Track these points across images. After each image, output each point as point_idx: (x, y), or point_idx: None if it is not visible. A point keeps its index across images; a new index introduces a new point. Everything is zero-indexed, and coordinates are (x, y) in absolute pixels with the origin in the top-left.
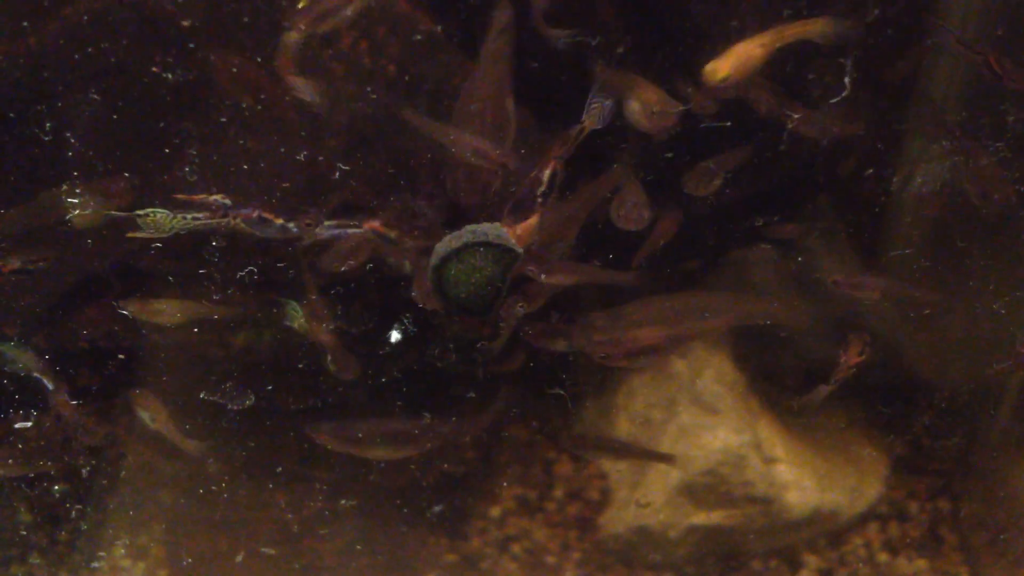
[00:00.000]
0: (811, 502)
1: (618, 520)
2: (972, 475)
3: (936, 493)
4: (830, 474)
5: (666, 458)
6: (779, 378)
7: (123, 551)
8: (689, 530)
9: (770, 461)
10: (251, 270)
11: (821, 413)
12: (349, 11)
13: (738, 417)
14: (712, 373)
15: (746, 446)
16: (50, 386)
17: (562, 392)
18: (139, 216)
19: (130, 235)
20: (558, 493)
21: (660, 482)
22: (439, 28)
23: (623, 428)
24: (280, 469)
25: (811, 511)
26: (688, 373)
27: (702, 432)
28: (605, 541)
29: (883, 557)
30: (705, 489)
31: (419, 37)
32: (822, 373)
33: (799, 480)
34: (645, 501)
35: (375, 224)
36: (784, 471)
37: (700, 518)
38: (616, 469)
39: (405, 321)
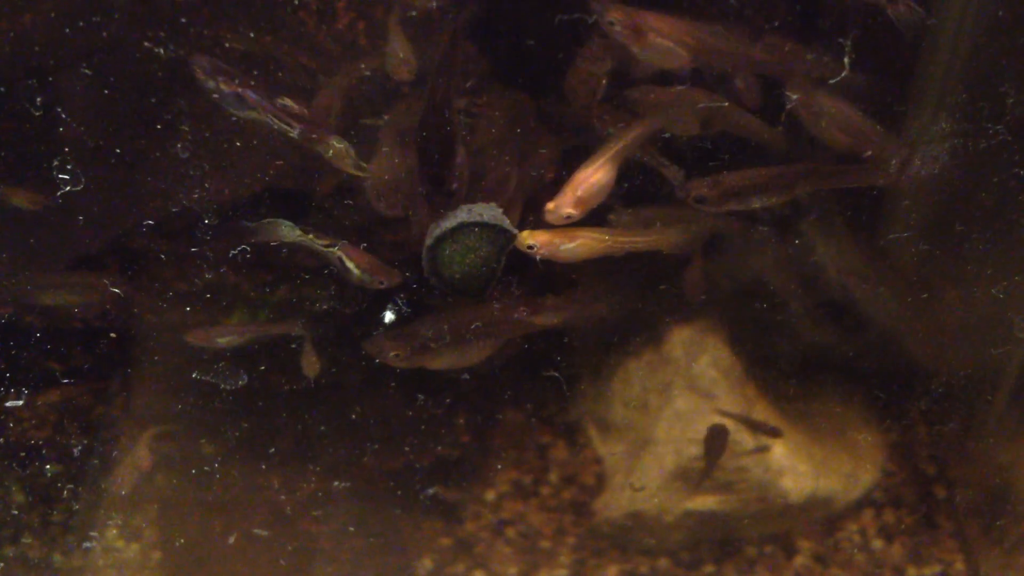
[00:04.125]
0: (806, 488)
1: (613, 505)
2: (968, 462)
3: (932, 480)
4: (826, 460)
5: None
6: (775, 364)
7: (116, 532)
8: (684, 515)
9: (765, 447)
10: (244, 249)
11: (818, 399)
12: None
13: (734, 402)
14: (708, 358)
15: (741, 431)
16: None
17: (557, 375)
18: None
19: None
20: (553, 477)
21: (655, 467)
22: (434, 4)
23: (619, 413)
24: (273, 450)
25: (806, 497)
26: (684, 358)
27: (698, 417)
28: (600, 526)
29: (878, 543)
30: (700, 474)
31: (414, 14)
32: None
33: (795, 466)
34: (640, 485)
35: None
36: (779, 457)
37: (695, 503)
38: (611, 454)
39: (399, 301)
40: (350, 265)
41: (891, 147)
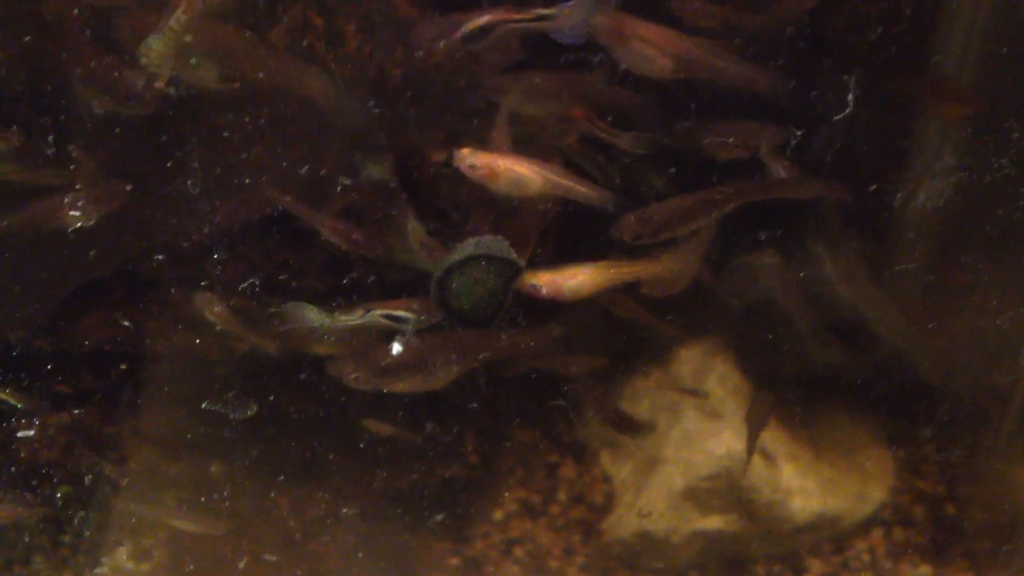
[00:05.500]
0: (815, 507)
1: (622, 525)
2: (977, 481)
3: (941, 499)
4: (835, 479)
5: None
6: (782, 384)
7: (126, 553)
8: (693, 535)
9: (774, 466)
10: (252, 282)
11: (826, 418)
12: None
13: (742, 422)
14: (716, 378)
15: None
16: None
17: (563, 403)
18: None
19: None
20: (562, 497)
21: (664, 487)
22: None
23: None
24: (282, 478)
25: (815, 516)
26: (692, 378)
27: (706, 437)
28: (609, 546)
29: (887, 563)
30: (709, 494)
31: None
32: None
33: (803, 485)
34: (647, 511)
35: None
36: (788, 476)
37: (704, 523)
38: (620, 474)
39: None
40: (403, 314)
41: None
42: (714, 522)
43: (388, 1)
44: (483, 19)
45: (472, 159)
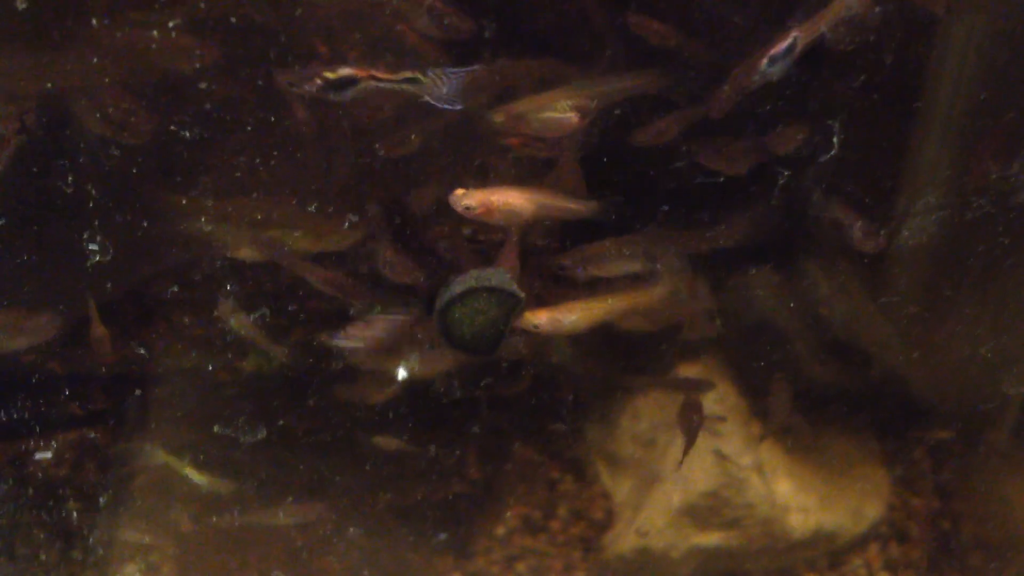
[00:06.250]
0: (812, 523)
1: (622, 540)
2: (972, 496)
3: (936, 514)
4: (831, 495)
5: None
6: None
7: (134, 567)
8: (691, 551)
9: (771, 483)
10: (263, 313)
11: (823, 435)
12: None
13: (740, 439)
14: (715, 396)
15: (748, 468)
16: None
17: (563, 427)
18: None
19: None
20: (562, 512)
21: (663, 503)
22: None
23: (627, 449)
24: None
25: (812, 532)
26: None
27: (705, 454)
28: (609, 561)
29: None
30: (707, 511)
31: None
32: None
33: (800, 502)
34: (645, 530)
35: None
36: (786, 493)
37: (702, 539)
38: (620, 490)
39: (411, 358)
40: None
41: None
42: (712, 538)
43: (395, 33)
44: (344, 71)
45: (467, 200)
